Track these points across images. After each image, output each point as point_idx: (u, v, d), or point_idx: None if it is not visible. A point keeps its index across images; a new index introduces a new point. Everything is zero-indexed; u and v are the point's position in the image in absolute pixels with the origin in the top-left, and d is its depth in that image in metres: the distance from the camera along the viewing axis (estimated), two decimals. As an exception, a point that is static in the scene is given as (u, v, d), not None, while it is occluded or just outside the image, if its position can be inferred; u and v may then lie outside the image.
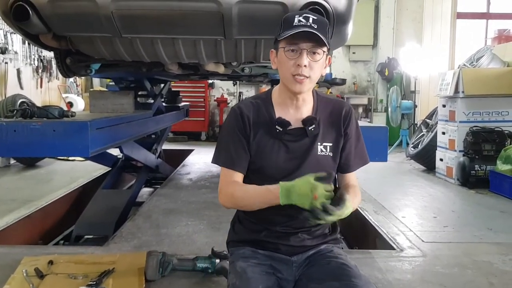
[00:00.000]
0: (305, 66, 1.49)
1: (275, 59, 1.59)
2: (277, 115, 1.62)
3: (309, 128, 1.59)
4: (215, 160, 1.67)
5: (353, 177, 1.72)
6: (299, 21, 1.49)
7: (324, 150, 1.61)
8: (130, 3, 2.36)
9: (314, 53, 1.51)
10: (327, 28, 1.54)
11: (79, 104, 8.42)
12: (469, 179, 4.88)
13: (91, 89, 9.01)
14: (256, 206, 1.56)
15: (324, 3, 2.41)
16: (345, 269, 1.52)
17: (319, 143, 1.61)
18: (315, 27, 1.48)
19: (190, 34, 2.62)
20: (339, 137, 1.64)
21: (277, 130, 1.59)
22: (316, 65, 1.52)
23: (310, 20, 1.49)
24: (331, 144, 1.63)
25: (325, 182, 1.45)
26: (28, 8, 2.38)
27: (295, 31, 1.47)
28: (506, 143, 4.88)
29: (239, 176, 1.63)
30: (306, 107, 1.63)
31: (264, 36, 2.62)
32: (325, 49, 1.53)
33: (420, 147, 6.23)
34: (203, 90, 9.60)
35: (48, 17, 2.46)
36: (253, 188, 1.56)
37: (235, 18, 2.41)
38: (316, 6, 2.37)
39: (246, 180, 1.67)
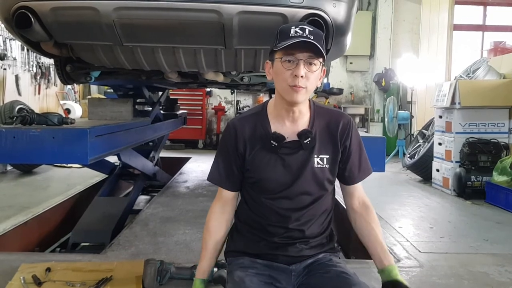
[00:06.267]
0: (302, 76, 1.49)
1: (271, 70, 1.59)
2: (273, 129, 1.62)
3: (305, 141, 1.59)
4: (208, 177, 1.73)
5: (360, 189, 1.73)
6: (296, 32, 1.49)
7: (320, 163, 1.62)
8: (132, 12, 2.37)
9: (310, 63, 1.51)
10: (323, 40, 1.55)
11: (77, 111, 8.42)
12: (465, 190, 4.91)
13: (90, 96, 9.00)
14: None
15: (324, 14, 2.42)
16: (344, 277, 1.53)
17: (315, 156, 1.61)
18: (311, 38, 1.48)
19: (191, 43, 2.63)
20: (337, 150, 1.64)
21: (273, 145, 1.59)
22: (312, 76, 1.52)
23: (307, 31, 1.49)
24: (327, 156, 1.63)
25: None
26: (30, 16, 2.38)
27: (293, 41, 1.47)
28: (502, 155, 4.92)
29: (226, 193, 1.69)
30: (303, 119, 1.63)
31: (264, 46, 2.64)
32: (321, 60, 1.53)
33: (416, 157, 6.26)
34: (201, 98, 9.63)
35: (50, 24, 2.46)
36: (205, 242, 1.71)
37: (235, 28, 2.42)
38: (316, 18, 2.39)
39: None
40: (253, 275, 1.58)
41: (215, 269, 2.26)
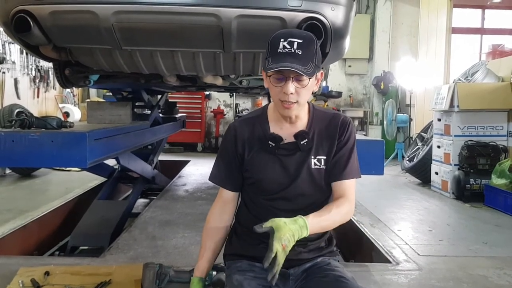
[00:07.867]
0: (291, 93, 1.50)
1: (266, 79, 1.60)
2: (271, 131, 1.65)
3: (301, 142, 1.61)
4: (209, 177, 1.76)
5: (344, 188, 1.63)
6: (284, 47, 1.48)
7: (318, 164, 1.63)
8: (131, 16, 2.38)
9: (300, 80, 1.50)
10: (315, 48, 1.53)
11: (76, 114, 8.41)
12: (464, 193, 4.90)
13: (88, 100, 9.01)
14: None
15: (322, 18, 2.43)
16: (342, 282, 1.53)
17: (312, 157, 1.63)
18: (300, 53, 1.47)
19: (190, 47, 2.64)
20: (333, 149, 1.65)
21: (270, 146, 1.61)
22: (303, 90, 1.53)
23: (295, 45, 1.48)
24: (325, 157, 1.64)
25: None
26: (29, 20, 2.39)
27: (278, 68, 1.46)
28: (500, 157, 4.92)
29: (226, 193, 1.72)
30: (301, 122, 1.65)
31: (263, 50, 2.64)
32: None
33: (415, 160, 6.26)
34: (200, 101, 9.64)
35: (49, 28, 2.47)
36: (204, 241, 1.74)
37: (234, 32, 2.43)
38: (314, 21, 2.40)
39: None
40: (251, 278, 1.58)
41: (214, 273, 2.26)
